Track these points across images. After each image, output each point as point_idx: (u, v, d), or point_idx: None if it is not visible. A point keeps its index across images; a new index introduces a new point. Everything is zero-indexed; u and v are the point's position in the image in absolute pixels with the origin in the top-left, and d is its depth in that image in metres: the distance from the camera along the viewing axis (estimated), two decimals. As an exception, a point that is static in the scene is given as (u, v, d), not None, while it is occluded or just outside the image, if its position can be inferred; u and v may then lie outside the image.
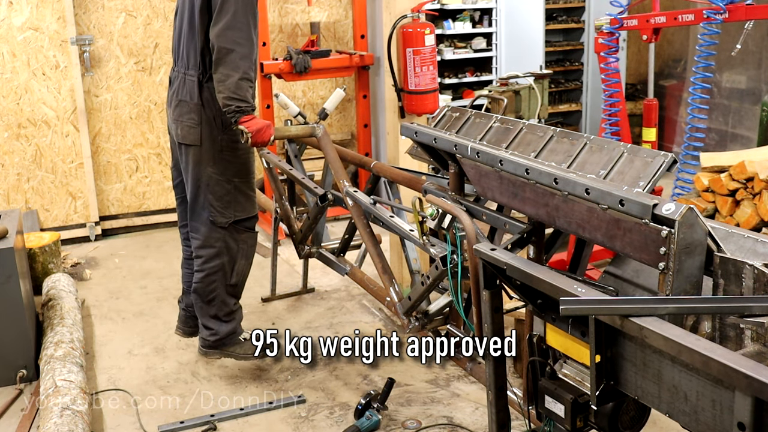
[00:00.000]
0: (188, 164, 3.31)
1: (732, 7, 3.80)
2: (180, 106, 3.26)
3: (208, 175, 3.27)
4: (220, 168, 3.27)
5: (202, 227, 3.36)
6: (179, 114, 3.26)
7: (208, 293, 3.40)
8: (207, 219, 3.33)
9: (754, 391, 1.39)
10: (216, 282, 3.39)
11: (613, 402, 1.86)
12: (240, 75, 3.03)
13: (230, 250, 3.37)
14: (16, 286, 3.53)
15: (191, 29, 3.22)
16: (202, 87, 3.21)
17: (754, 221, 3.59)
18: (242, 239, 3.40)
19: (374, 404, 3.11)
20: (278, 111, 5.77)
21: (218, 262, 3.37)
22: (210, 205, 3.30)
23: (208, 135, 3.23)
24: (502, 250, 2.06)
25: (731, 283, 1.75)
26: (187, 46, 3.24)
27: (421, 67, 4.34)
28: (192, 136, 3.24)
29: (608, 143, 2.22)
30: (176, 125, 3.28)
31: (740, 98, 6.44)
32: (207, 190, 3.29)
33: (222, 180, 3.28)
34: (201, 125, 3.22)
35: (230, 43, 3.03)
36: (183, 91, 3.25)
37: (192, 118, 3.22)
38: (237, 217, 3.35)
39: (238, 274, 3.45)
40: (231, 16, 3.03)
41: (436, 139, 2.67)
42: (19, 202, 5.47)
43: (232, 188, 3.31)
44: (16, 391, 3.48)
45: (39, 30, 5.30)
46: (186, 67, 3.25)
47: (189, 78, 3.23)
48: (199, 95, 3.21)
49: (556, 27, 7.41)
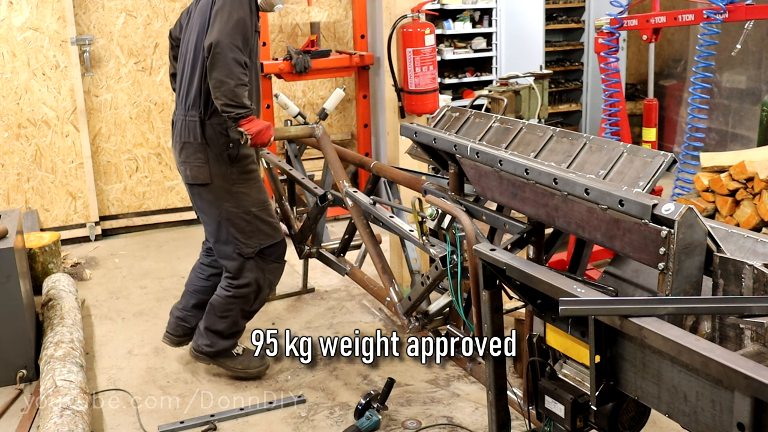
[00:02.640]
0: (203, 203, 3.36)
1: (732, 7, 3.80)
2: (185, 148, 3.29)
3: (226, 210, 3.31)
4: (236, 201, 3.31)
5: (231, 263, 3.41)
6: (186, 156, 3.29)
7: (225, 311, 3.44)
8: (234, 252, 3.37)
9: (753, 391, 1.39)
10: (236, 305, 3.44)
11: (612, 402, 1.86)
12: (235, 82, 3.05)
13: (258, 281, 3.44)
14: (16, 286, 3.53)
15: (192, 69, 3.26)
16: (204, 125, 3.24)
17: (754, 221, 3.59)
18: (269, 269, 3.46)
19: (374, 404, 3.11)
20: (278, 111, 5.77)
21: (245, 291, 3.43)
22: (234, 239, 3.35)
23: (218, 172, 3.27)
24: (502, 251, 2.06)
25: (731, 284, 1.75)
26: (188, 87, 3.28)
27: (421, 67, 4.34)
28: (202, 176, 3.27)
29: (608, 143, 2.23)
30: (184, 167, 3.32)
31: (740, 98, 6.44)
32: (228, 225, 3.33)
33: (240, 213, 3.32)
34: (209, 163, 3.26)
35: (222, 46, 3.04)
36: (185, 133, 3.28)
37: (199, 157, 3.26)
38: (262, 245, 3.39)
39: (260, 302, 3.53)
40: (224, 23, 3.05)
41: (435, 139, 2.67)
42: (19, 202, 5.47)
43: (252, 218, 3.35)
44: (16, 391, 3.48)
45: (39, 30, 5.30)
46: (186, 109, 3.28)
47: (190, 119, 3.26)
48: (202, 134, 3.24)
49: (556, 27, 7.41)
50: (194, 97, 3.25)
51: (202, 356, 3.52)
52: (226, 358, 3.51)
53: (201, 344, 3.49)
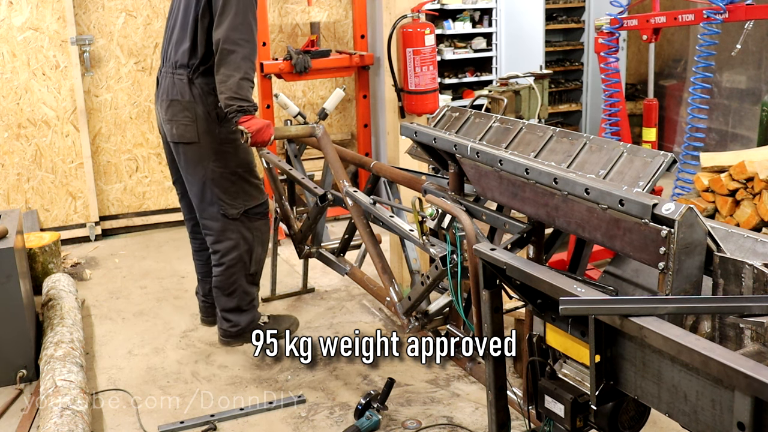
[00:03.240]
0: (188, 162, 3.31)
1: (732, 7, 3.80)
2: (172, 105, 3.26)
3: (211, 170, 3.28)
4: (223, 161, 3.28)
5: (214, 223, 3.37)
6: (173, 114, 3.26)
7: (230, 285, 3.43)
8: (218, 213, 3.34)
9: (753, 390, 1.39)
10: (236, 274, 3.42)
11: (612, 402, 1.86)
12: (241, 75, 3.04)
13: (246, 240, 3.40)
14: (16, 286, 3.53)
15: (183, 28, 3.23)
16: (193, 84, 3.22)
17: (754, 221, 3.58)
18: (256, 227, 3.44)
19: (374, 404, 3.11)
20: (278, 111, 5.77)
21: (236, 254, 3.39)
22: (219, 200, 3.32)
23: (205, 130, 3.23)
24: (502, 250, 2.06)
25: (731, 283, 1.75)
26: (177, 45, 3.26)
27: (421, 67, 4.34)
28: (189, 134, 3.24)
29: (608, 143, 2.22)
30: (170, 125, 3.28)
31: (740, 98, 6.44)
32: (213, 185, 3.30)
33: (226, 173, 3.29)
34: (196, 122, 3.23)
35: (232, 44, 3.05)
36: (173, 90, 3.26)
37: (187, 115, 3.23)
38: (247, 206, 3.38)
39: (257, 261, 3.49)
40: (233, 17, 3.05)
41: (435, 139, 2.67)
42: (19, 202, 5.47)
43: (238, 179, 3.32)
44: (16, 391, 3.48)
45: (39, 30, 5.30)
46: (174, 67, 3.26)
47: (178, 77, 3.24)
48: (190, 92, 3.22)
49: (556, 27, 7.41)
50: (183, 55, 3.23)
51: (232, 340, 3.51)
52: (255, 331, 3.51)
53: (226, 329, 3.50)
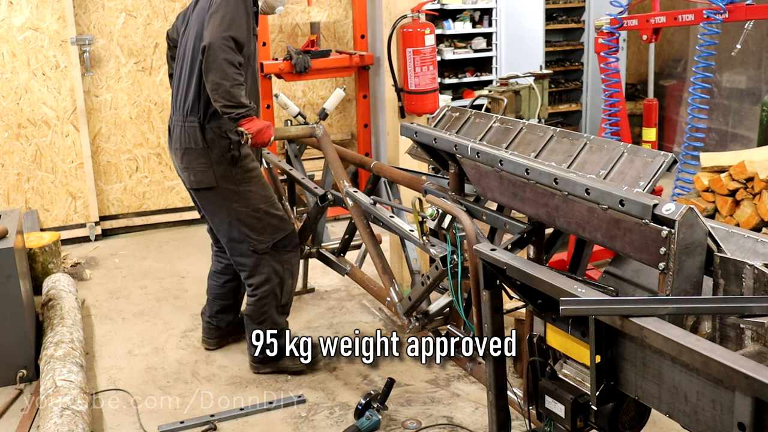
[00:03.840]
0: (211, 206, 3.38)
1: (732, 7, 3.80)
2: (187, 154, 3.30)
3: (235, 210, 3.33)
4: (244, 201, 3.33)
5: (246, 259, 3.43)
6: (188, 162, 3.30)
7: (260, 315, 3.48)
8: (248, 250, 3.40)
9: (754, 391, 1.39)
10: (267, 305, 3.47)
11: (613, 402, 1.85)
12: (231, 83, 3.05)
13: (277, 273, 3.46)
14: (16, 286, 3.53)
15: (190, 74, 3.26)
16: (205, 129, 3.25)
17: (754, 221, 3.58)
18: (286, 260, 3.48)
19: (374, 404, 3.11)
20: (278, 111, 5.77)
21: (268, 287, 3.45)
22: (247, 237, 3.38)
23: (222, 174, 3.28)
24: (502, 251, 2.06)
25: (731, 283, 1.75)
26: (186, 91, 3.28)
27: (421, 67, 4.34)
28: (207, 179, 3.29)
29: (608, 143, 2.22)
30: (187, 173, 3.33)
31: (740, 98, 6.44)
32: (239, 224, 3.36)
33: (249, 211, 3.35)
34: (212, 167, 3.27)
35: (215, 48, 3.04)
36: (185, 138, 3.29)
37: (202, 162, 3.27)
38: (275, 239, 3.42)
39: (287, 293, 3.54)
40: (218, 24, 3.06)
41: (436, 139, 2.67)
42: (19, 202, 5.47)
43: (263, 215, 3.38)
44: (16, 391, 3.48)
45: (39, 30, 5.30)
46: (185, 114, 3.29)
47: (189, 124, 3.27)
48: (203, 138, 3.26)
49: (556, 27, 7.41)
50: (192, 101, 3.26)
51: (261, 366, 3.55)
52: (284, 358, 3.52)
53: (254, 354, 3.52)
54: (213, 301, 3.77)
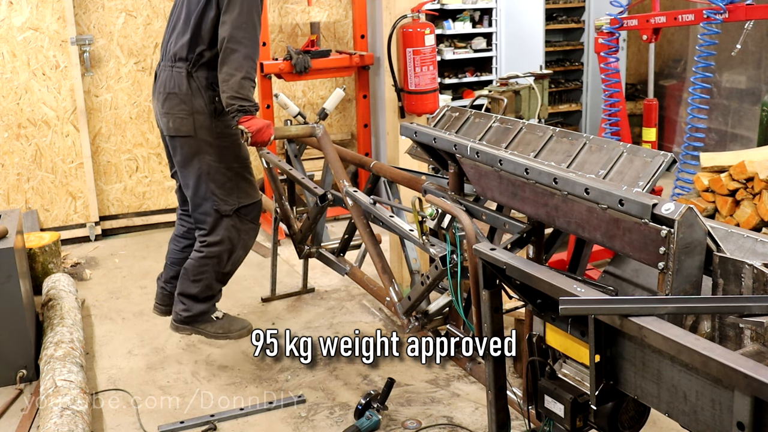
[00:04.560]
0: (184, 156, 3.31)
1: (732, 7, 3.80)
2: (169, 98, 3.25)
3: (207, 164, 3.27)
4: (218, 155, 3.27)
5: (207, 218, 3.37)
6: (169, 107, 3.26)
7: (198, 274, 3.42)
8: (211, 209, 3.34)
9: (753, 390, 1.39)
10: (209, 266, 3.42)
11: (612, 402, 1.86)
12: (243, 74, 3.05)
13: (231, 240, 3.40)
14: (16, 286, 3.53)
15: (186, 22, 3.24)
16: (191, 77, 3.22)
17: (754, 221, 3.58)
18: (245, 230, 3.43)
19: (374, 404, 3.11)
20: (278, 111, 5.77)
21: (218, 249, 3.40)
22: (213, 194, 3.31)
23: (202, 124, 3.23)
24: (502, 250, 2.06)
25: (731, 283, 1.75)
26: (177, 38, 3.26)
27: (421, 67, 4.34)
28: (185, 127, 3.23)
29: (608, 143, 2.22)
30: (167, 118, 3.28)
31: (740, 98, 6.44)
32: (208, 179, 3.30)
33: (221, 167, 3.29)
34: (193, 115, 3.22)
35: (235, 42, 3.05)
36: (170, 83, 3.25)
37: (183, 108, 3.22)
38: (241, 203, 3.37)
39: (234, 263, 3.49)
40: (237, 15, 3.06)
41: (435, 139, 2.67)
42: (19, 202, 5.47)
43: (233, 174, 3.32)
44: (16, 391, 3.48)
45: (39, 30, 5.30)
46: (173, 60, 3.26)
47: (176, 70, 3.24)
48: (188, 85, 3.22)
49: (556, 27, 7.41)
50: (182, 47, 3.22)
51: (181, 325, 3.51)
52: (204, 323, 3.50)
53: (178, 311, 3.49)
54: (170, 266, 3.69)
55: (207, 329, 3.51)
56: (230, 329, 3.51)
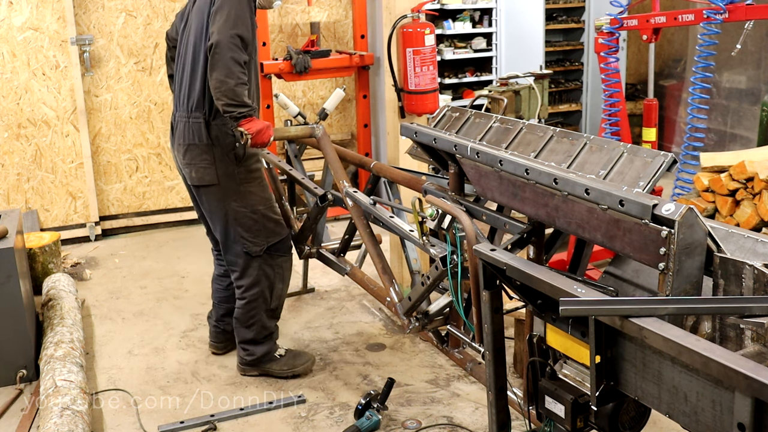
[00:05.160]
0: (210, 204, 3.37)
1: (732, 7, 3.80)
2: (190, 150, 3.28)
3: (233, 210, 3.33)
4: (244, 201, 3.33)
5: (238, 260, 3.43)
6: (191, 158, 3.29)
7: (249, 318, 3.48)
8: (241, 251, 3.40)
9: (754, 391, 1.39)
10: (256, 308, 3.47)
11: (613, 402, 1.85)
12: (235, 81, 3.06)
13: (268, 277, 3.46)
14: (16, 286, 3.53)
15: (194, 71, 3.25)
16: (210, 126, 3.25)
17: (754, 221, 3.58)
18: (278, 264, 3.48)
19: (374, 404, 3.11)
20: (278, 111, 5.77)
21: (257, 290, 3.45)
22: (241, 238, 3.37)
23: (224, 172, 3.28)
24: (502, 251, 2.06)
25: (731, 284, 1.75)
26: (190, 88, 3.27)
27: (421, 67, 4.34)
28: (209, 177, 3.28)
29: (608, 143, 2.22)
30: (189, 169, 3.32)
31: (739, 98, 6.44)
32: (236, 224, 3.35)
33: (247, 211, 3.34)
34: (215, 164, 3.26)
35: (221, 47, 3.04)
36: (189, 134, 3.28)
37: (205, 158, 3.26)
38: (270, 243, 3.42)
39: (277, 297, 3.54)
40: (223, 22, 3.06)
41: (435, 139, 2.67)
42: (19, 202, 5.47)
43: (260, 217, 3.37)
44: (16, 391, 3.48)
45: (39, 30, 5.30)
46: (189, 111, 3.28)
47: (194, 120, 3.25)
48: (207, 135, 3.25)
49: (556, 27, 7.41)
50: (197, 98, 3.25)
51: (247, 368, 3.58)
52: (270, 362, 3.54)
53: (242, 356, 3.56)
54: (218, 305, 3.77)
55: (273, 368, 3.56)
56: (294, 364, 3.58)
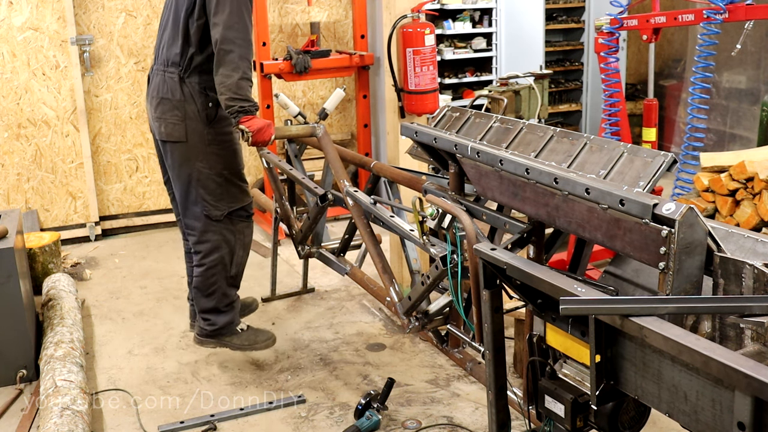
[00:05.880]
0: (175, 161, 3.31)
1: (732, 7, 3.80)
2: (162, 103, 3.25)
3: (197, 170, 3.27)
4: (210, 162, 3.27)
5: (197, 223, 3.36)
6: (162, 112, 3.26)
7: (209, 286, 3.42)
8: (201, 214, 3.34)
9: (753, 390, 1.39)
10: (216, 275, 3.41)
11: (613, 402, 1.86)
12: (240, 75, 3.04)
13: (228, 242, 3.39)
14: (16, 286, 3.53)
15: (175, 26, 3.23)
16: (184, 82, 3.22)
17: (754, 221, 3.58)
18: (239, 230, 3.42)
19: (374, 404, 3.11)
20: (278, 111, 5.77)
21: (217, 256, 3.39)
22: (203, 200, 3.31)
23: (194, 130, 3.23)
24: (502, 250, 2.06)
25: (731, 283, 1.75)
26: (169, 42, 3.25)
27: (421, 67, 4.34)
28: (177, 133, 3.24)
29: (608, 143, 2.23)
30: (159, 123, 3.28)
31: (739, 98, 6.44)
32: (198, 185, 3.30)
33: (212, 174, 3.29)
34: (185, 121, 3.22)
35: (229, 43, 3.05)
36: (164, 88, 3.25)
37: (176, 114, 3.22)
38: (231, 208, 3.36)
39: (237, 264, 3.47)
40: (228, 16, 3.05)
41: (436, 138, 2.67)
42: (19, 202, 5.47)
43: (223, 181, 3.31)
44: (16, 391, 3.48)
45: (39, 30, 5.30)
46: (165, 65, 3.26)
47: (169, 75, 3.24)
48: (180, 91, 3.21)
49: (556, 27, 7.41)
50: (175, 53, 3.22)
51: (206, 339, 3.51)
52: (230, 335, 3.49)
53: (202, 326, 3.50)
54: (190, 285, 3.69)
55: (233, 341, 3.52)
56: (255, 340, 3.53)
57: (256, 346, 3.52)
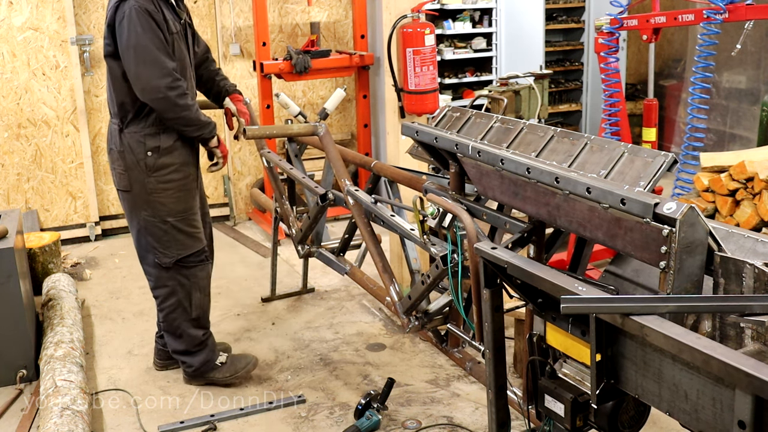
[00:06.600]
0: (125, 210, 3.39)
1: (732, 7, 3.80)
2: (110, 153, 3.32)
3: (143, 218, 3.31)
4: (153, 210, 3.29)
5: (152, 269, 3.41)
6: (111, 161, 3.33)
7: (174, 329, 3.46)
8: (153, 261, 3.37)
9: (754, 389, 1.39)
10: (178, 319, 3.43)
11: (613, 401, 1.86)
12: (181, 109, 3.12)
13: (183, 287, 3.40)
14: (16, 286, 3.53)
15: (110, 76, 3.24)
16: (122, 133, 3.24)
17: (754, 221, 3.59)
18: (192, 274, 3.41)
19: (374, 404, 3.11)
20: (278, 111, 5.77)
21: (174, 300, 3.41)
22: (153, 248, 3.35)
23: (136, 179, 3.26)
24: (503, 249, 2.06)
25: (732, 282, 1.75)
26: (110, 94, 3.28)
27: (421, 67, 4.34)
28: (123, 182, 3.29)
29: (608, 143, 2.23)
30: (112, 172, 3.36)
31: (739, 98, 6.44)
32: (146, 233, 3.33)
33: (157, 222, 3.30)
34: (127, 171, 3.25)
35: (155, 92, 3.07)
36: (109, 138, 3.32)
37: (120, 164, 3.27)
38: (180, 255, 3.36)
39: (198, 307, 3.46)
40: (135, 67, 3.05)
41: (437, 138, 2.67)
42: (19, 202, 5.47)
43: (170, 227, 3.32)
44: (16, 391, 3.48)
45: (39, 30, 5.30)
46: (110, 114, 3.32)
47: (113, 125, 3.29)
48: (120, 142, 3.25)
49: (556, 27, 7.41)
50: (112, 104, 3.26)
51: (192, 380, 3.55)
52: (212, 371, 3.50)
53: (184, 369, 3.54)
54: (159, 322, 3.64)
55: (216, 377, 3.52)
56: (237, 369, 3.53)
57: (238, 375, 3.53)
